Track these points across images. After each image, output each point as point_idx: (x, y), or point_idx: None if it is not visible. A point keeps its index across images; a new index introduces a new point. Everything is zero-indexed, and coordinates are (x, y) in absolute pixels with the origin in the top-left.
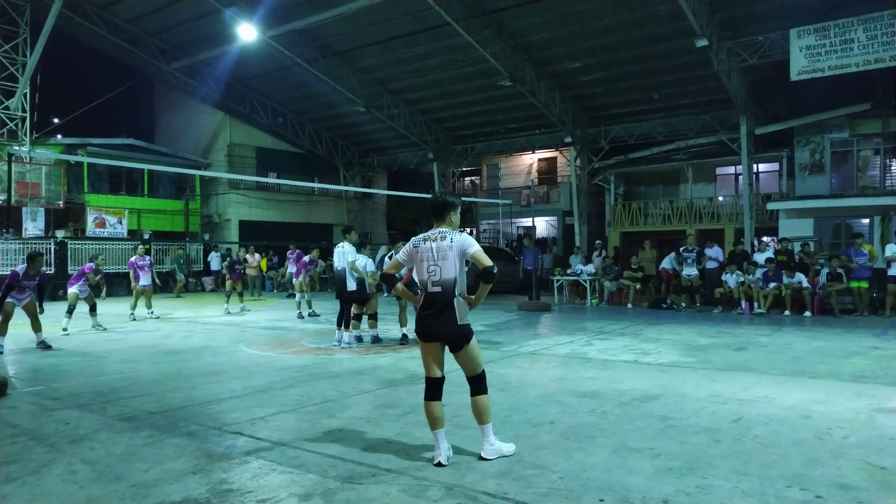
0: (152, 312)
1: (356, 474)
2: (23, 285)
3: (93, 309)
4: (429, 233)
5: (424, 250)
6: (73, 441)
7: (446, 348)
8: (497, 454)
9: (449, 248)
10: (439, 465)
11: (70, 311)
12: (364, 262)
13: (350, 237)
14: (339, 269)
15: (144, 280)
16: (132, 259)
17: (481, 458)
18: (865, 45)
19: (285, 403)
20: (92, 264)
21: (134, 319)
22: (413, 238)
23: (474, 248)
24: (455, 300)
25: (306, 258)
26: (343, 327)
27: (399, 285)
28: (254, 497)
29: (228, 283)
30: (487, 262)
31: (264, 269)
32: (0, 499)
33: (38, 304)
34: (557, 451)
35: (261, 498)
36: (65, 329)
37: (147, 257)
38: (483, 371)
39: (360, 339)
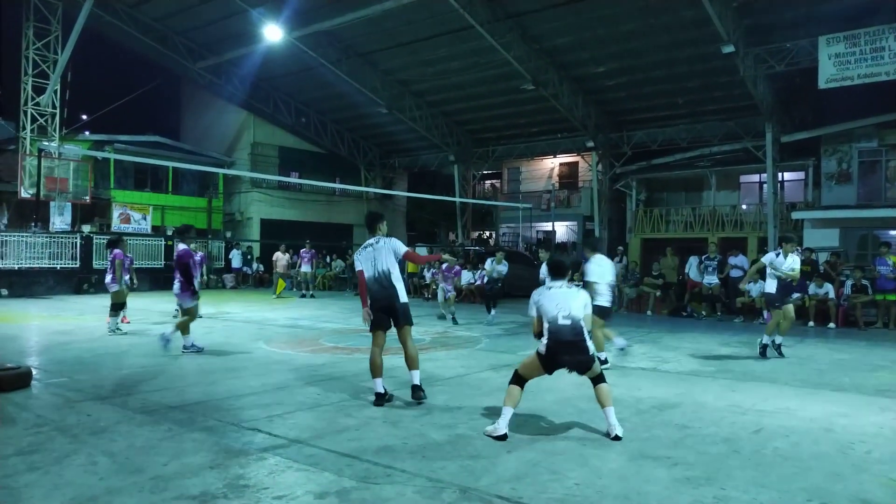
0: None
1: (371, 474)
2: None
3: None
4: (552, 283)
5: (554, 294)
6: (94, 433)
7: None
8: None
9: (576, 295)
10: (504, 437)
11: None
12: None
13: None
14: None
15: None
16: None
17: (616, 438)
18: None
19: (302, 401)
20: None
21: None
22: (538, 290)
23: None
24: (585, 335)
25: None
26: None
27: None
28: (269, 493)
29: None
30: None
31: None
32: (23, 487)
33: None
34: (573, 457)
35: (276, 494)
36: None
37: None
38: (602, 371)
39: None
